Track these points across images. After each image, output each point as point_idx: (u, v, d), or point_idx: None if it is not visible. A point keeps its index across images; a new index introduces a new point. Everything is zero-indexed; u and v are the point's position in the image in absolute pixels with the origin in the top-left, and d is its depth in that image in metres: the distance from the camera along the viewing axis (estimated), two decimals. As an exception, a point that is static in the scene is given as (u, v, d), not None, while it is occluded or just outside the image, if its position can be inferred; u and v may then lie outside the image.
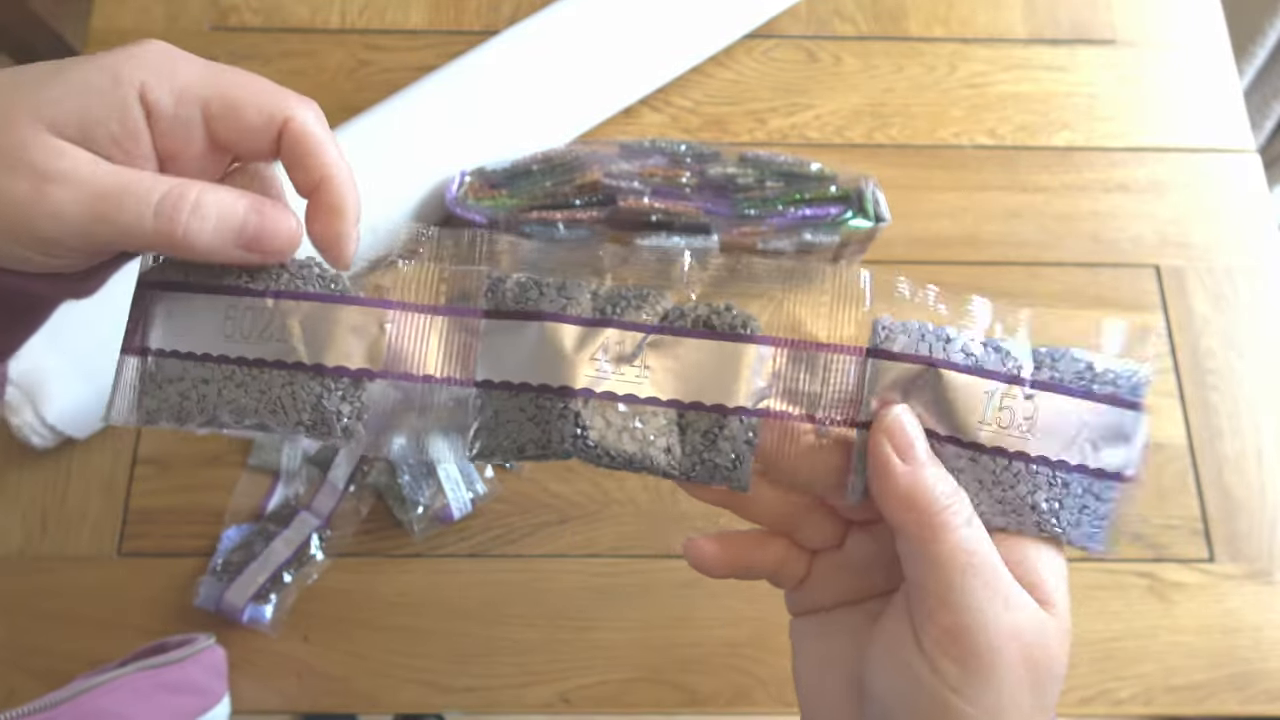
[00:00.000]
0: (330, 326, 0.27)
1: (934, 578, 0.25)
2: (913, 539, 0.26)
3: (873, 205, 0.54)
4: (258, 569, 0.49)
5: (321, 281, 0.28)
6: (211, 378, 0.27)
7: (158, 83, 0.26)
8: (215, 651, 0.47)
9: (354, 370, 0.27)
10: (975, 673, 0.25)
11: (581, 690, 0.50)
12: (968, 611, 0.25)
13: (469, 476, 0.52)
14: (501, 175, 0.55)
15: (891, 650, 0.27)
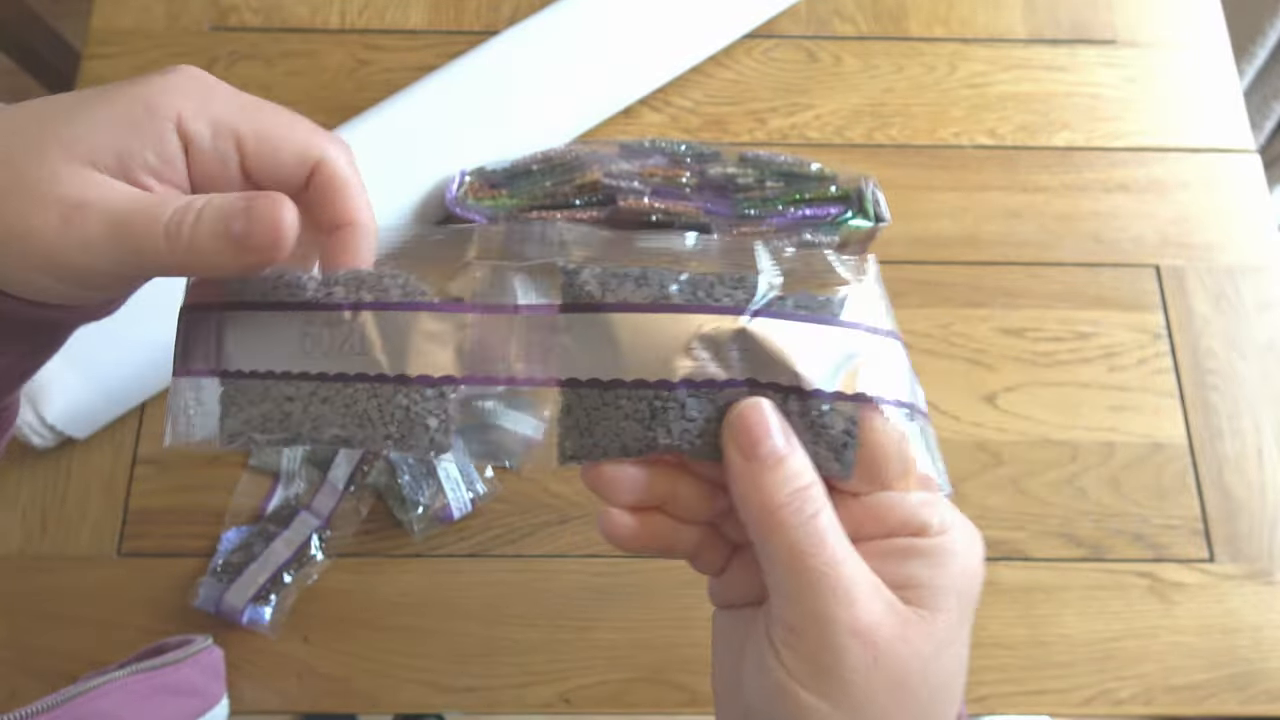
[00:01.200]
0: (410, 336, 0.27)
1: (778, 574, 0.25)
2: (754, 535, 0.26)
3: (873, 205, 0.54)
4: (257, 570, 0.49)
5: (400, 290, 0.27)
6: (296, 395, 0.27)
7: (195, 113, 0.26)
8: (213, 652, 0.47)
9: (437, 379, 0.27)
10: (818, 667, 0.25)
11: (581, 690, 0.50)
12: (806, 608, 0.25)
13: (469, 476, 0.52)
14: (501, 175, 0.55)
15: (754, 646, 0.27)
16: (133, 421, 0.54)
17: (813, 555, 0.25)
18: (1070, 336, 0.58)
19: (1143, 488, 0.54)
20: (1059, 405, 0.56)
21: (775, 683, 0.25)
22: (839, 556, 0.25)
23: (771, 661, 0.25)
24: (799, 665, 0.25)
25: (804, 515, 0.25)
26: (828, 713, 0.25)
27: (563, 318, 0.27)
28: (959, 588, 0.26)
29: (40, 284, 0.25)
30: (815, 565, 0.25)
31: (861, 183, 0.55)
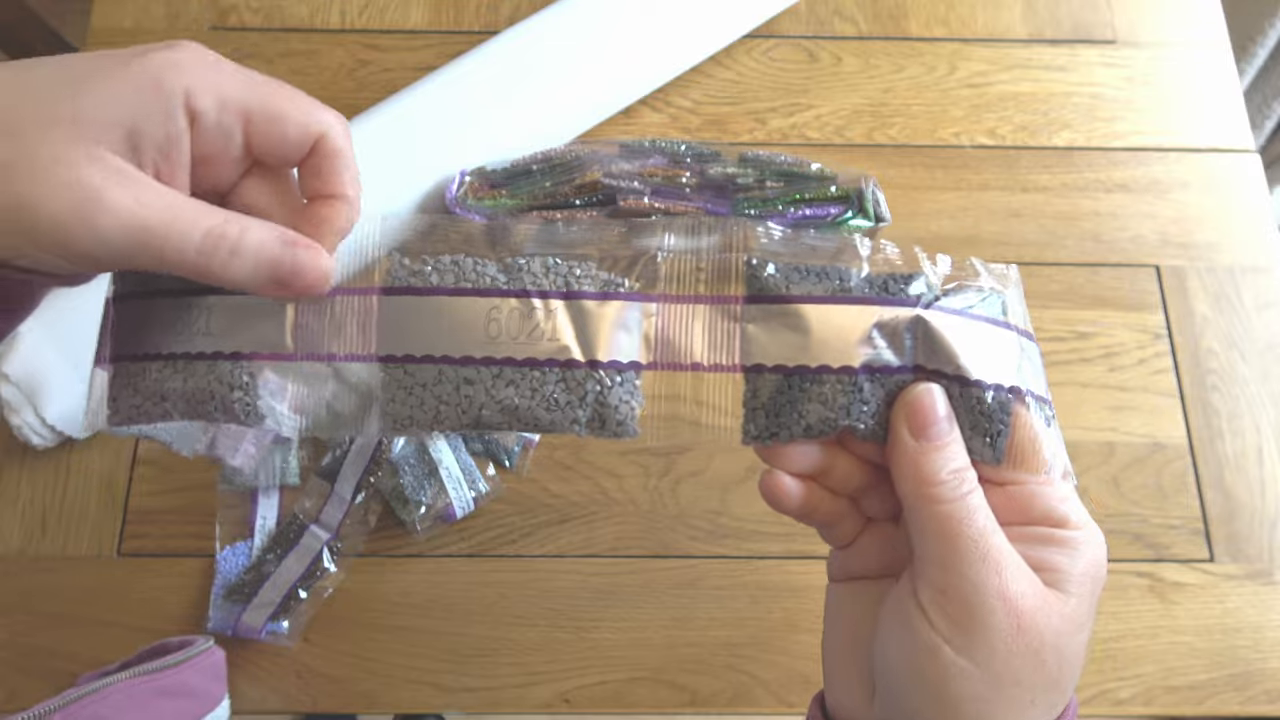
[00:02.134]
0: (598, 323, 0.28)
1: (930, 543, 0.28)
2: (910, 508, 0.28)
3: (873, 205, 0.54)
4: (271, 589, 0.49)
5: (591, 281, 0.29)
6: (476, 378, 0.28)
7: (202, 90, 0.26)
8: (214, 654, 0.47)
9: (627, 364, 0.28)
10: (965, 627, 0.27)
11: (581, 690, 0.50)
12: (957, 572, 0.27)
13: (470, 475, 0.52)
14: (501, 175, 0.55)
15: (895, 610, 0.29)
16: (133, 421, 0.54)
17: (966, 525, 0.27)
18: (1070, 336, 0.58)
19: (1143, 488, 0.54)
20: (1059, 405, 0.56)
21: (922, 642, 0.27)
22: (989, 529, 0.27)
23: (919, 623, 0.27)
24: (947, 626, 0.27)
25: (960, 491, 0.28)
26: (969, 671, 0.27)
27: (751, 308, 0.29)
28: (1091, 576, 0.28)
29: (40, 259, 0.26)
30: (968, 534, 0.27)
31: (861, 183, 0.55)
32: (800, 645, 0.51)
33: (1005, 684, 0.27)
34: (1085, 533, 0.29)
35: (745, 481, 0.54)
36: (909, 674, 0.28)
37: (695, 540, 0.53)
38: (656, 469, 0.54)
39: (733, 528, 0.53)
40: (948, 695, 0.27)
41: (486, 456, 0.53)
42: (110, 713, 0.39)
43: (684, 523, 0.53)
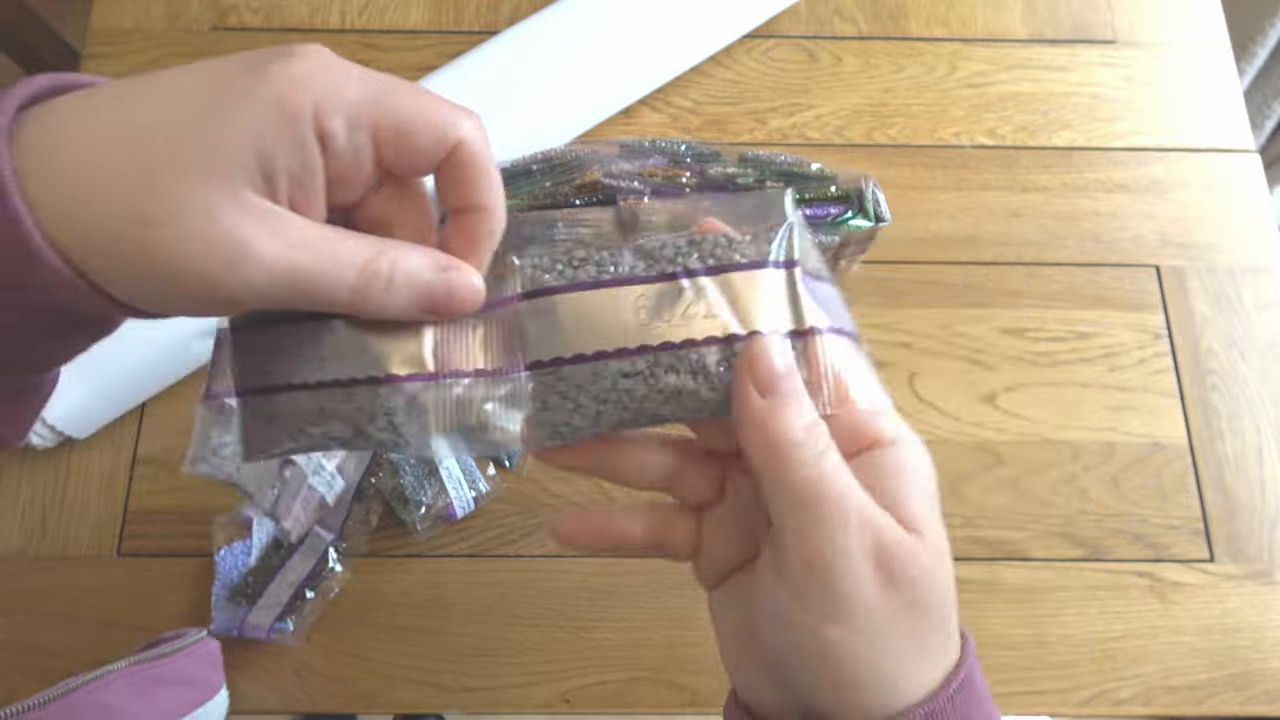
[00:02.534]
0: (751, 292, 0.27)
1: (788, 512, 0.26)
2: (766, 474, 0.26)
3: (873, 205, 0.54)
4: (278, 588, 0.49)
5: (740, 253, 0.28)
6: (634, 370, 0.27)
7: (331, 109, 0.24)
8: (208, 644, 0.47)
9: (786, 333, 0.27)
10: (837, 599, 0.25)
11: (581, 690, 0.50)
12: (821, 541, 0.25)
13: (471, 475, 0.52)
14: (501, 175, 0.55)
15: (763, 596, 0.27)
16: (132, 421, 0.54)
17: (828, 488, 0.25)
18: (1070, 336, 0.58)
19: (1143, 488, 0.54)
20: (1059, 405, 0.56)
21: (798, 624, 0.26)
22: (849, 487, 0.26)
23: (789, 604, 0.26)
24: (817, 599, 0.25)
25: (817, 451, 0.26)
26: (850, 640, 0.25)
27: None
28: (929, 494, 0.27)
29: (170, 303, 0.24)
30: (830, 496, 0.25)
31: (861, 183, 0.55)
32: (800, 645, 0.51)
33: (890, 640, 0.26)
34: (901, 445, 0.27)
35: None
36: (794, 657, 0.26)
37: (695, 540, 0.53)
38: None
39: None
40: (836, 669, 0.26)
41: (486, 456, 0.53)
42: (108, 701, 0.39)
43: (684, 523, 0.53)
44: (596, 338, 0.27)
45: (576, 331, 0.27)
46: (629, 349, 0.27)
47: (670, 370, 0.27)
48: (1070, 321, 0.58)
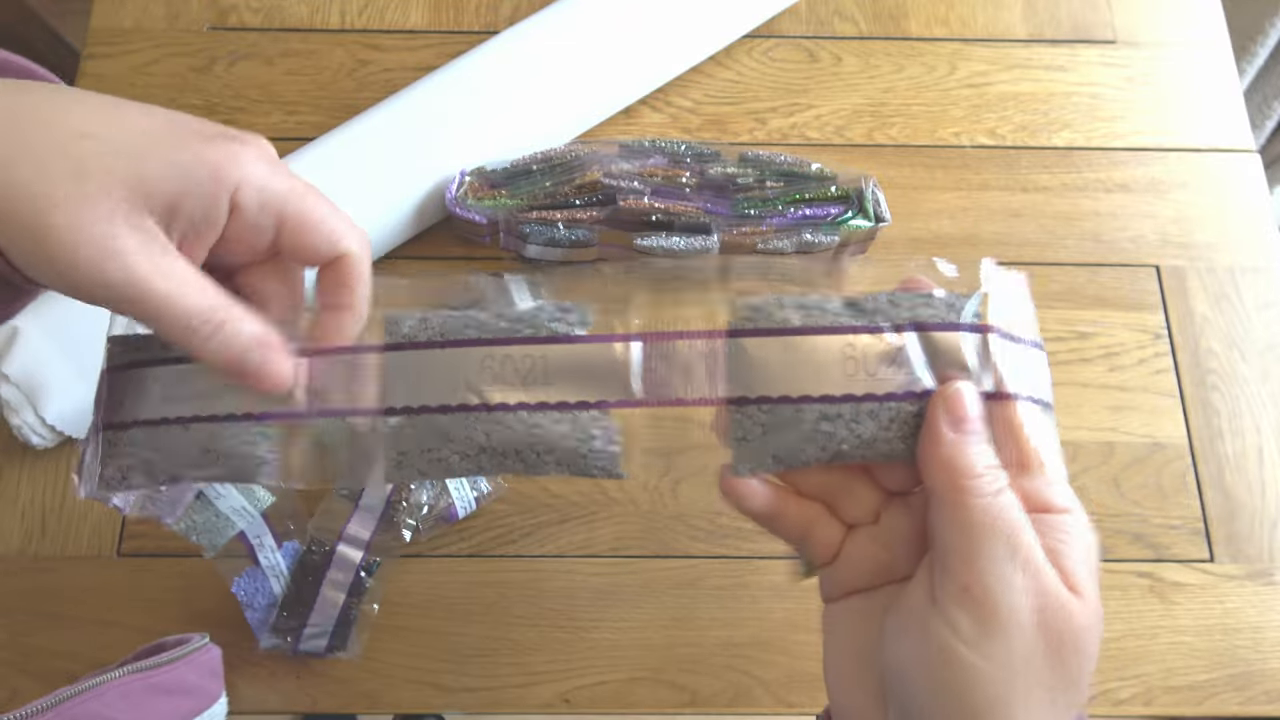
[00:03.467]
0: (948, 353, 0.29)
1: (958, 537, 0.27)
2: (943, 501, 0.27)
3: (873, 205, 0.54)
4: (320, 616, 0.49)
5: (935, 310, 0.29)
6: (837, 415, 0.29)
7: (252, 188, 0.28)
8: (210, 651, 0.47)
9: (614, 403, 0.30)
10: (988, 627, 0.26)
11: (581, 690, 0.50)
12: (985, 569, 0.26)
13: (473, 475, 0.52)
14: (501, 175, 0.55)
15: (908, 611, 0.28)
16: (133, 421, 0.54)
17: (1000, 520, 0.27)
18: (1070, 336, 0.58)
19: (1143, 488, 0.54)
20: (1059, 405, 0.55)
21: (939, 646, 0.26)
22: (1021, 524, 0.27)
23: (936, 625, 0.27)
24: (968, 625, 0.26)
25: (995, 486, 0.27)
26: (987, 671, 0.26)
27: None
28: (1088, 562, 0.28)
29: (50, 279, 0.28)
30: (1001, 528, 0.26)
31: (861, 183, 0.55)
32: (800, 645, 0.51)
33: (1025, 683, 0.26)
34: (1074, 516, 0.28)
35: (745, 481, 0.54)
36: (925, 681, 0.27)
37: (695, 540, 0.53)
38: (656, 469, 0.54)
39: (733, 528, 0.53)
40: (967, 699, 0.26)
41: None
42: (106, 710, 0.39)
43: (684, 523, 0.53)
44: (804, 381, 0.28)
45: (785, 370, 0.29)
46: (834, 396, 0.28)
47: (870, 418, 0.28)
48: (1070, 321, 0.58)
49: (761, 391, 0.29)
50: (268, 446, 0.30)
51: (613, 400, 0.29)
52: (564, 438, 0.29)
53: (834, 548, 0.31)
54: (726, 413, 0.29)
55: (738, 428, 0.29)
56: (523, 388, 0.29)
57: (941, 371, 0.29)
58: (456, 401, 0.29)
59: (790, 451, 0.29)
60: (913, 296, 0.29)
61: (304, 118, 0.62)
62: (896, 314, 0.29)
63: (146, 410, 0.31)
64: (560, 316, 0.30)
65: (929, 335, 0.29)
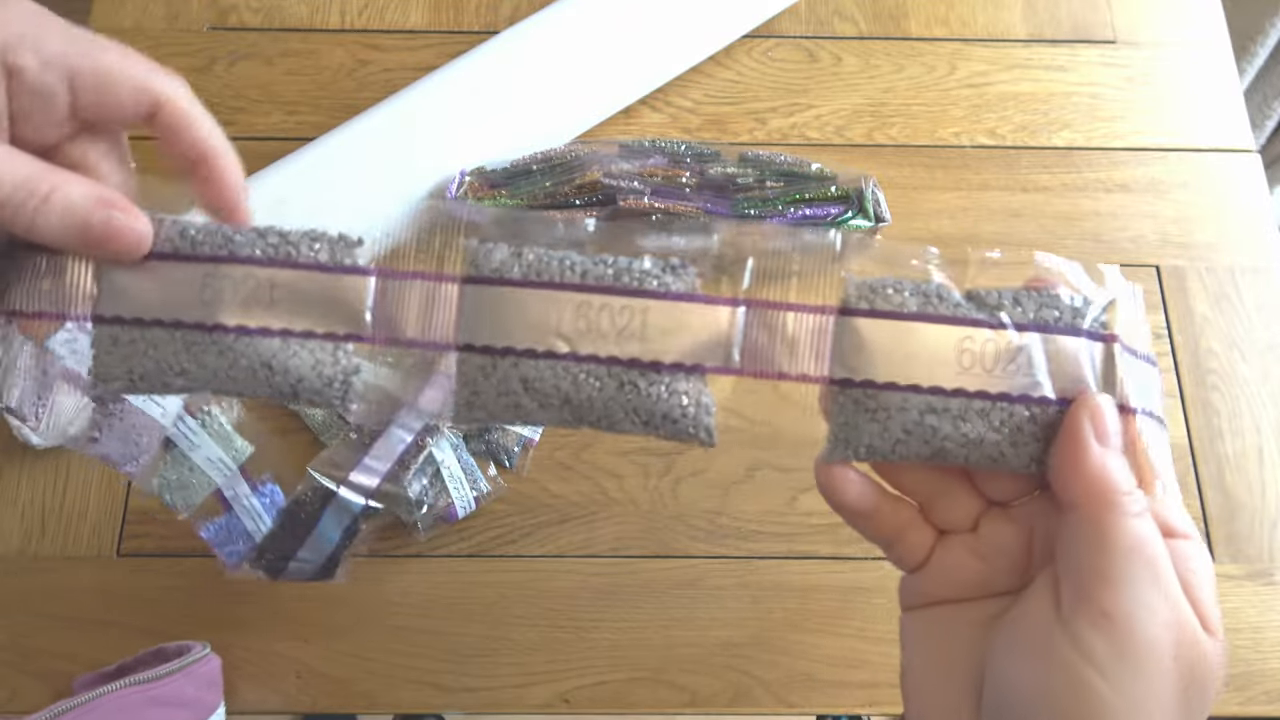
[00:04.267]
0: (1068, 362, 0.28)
1: (1102, 558, 0.25)
2: (1089, 517, 0.25)
3: (873, 205, 0.54)
4: (310, 554, 0.47)
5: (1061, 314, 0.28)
6: (944, 408, 0.27)
7: (21, 48, 0.25)
8: (210, 662, 0.46)
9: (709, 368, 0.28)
10: (1126, 657, 0.24)
11: (581, 690, 0.50)
12: (1129, 596, 0.24)
13: (472, 475, 0.52)
14: (501, 175, 0.55)
15: (1030, 631, 0.26)
16: (133, 421, 0.54)
17: (1150, 545, 0.25)
18: (1070, 336, 0.58)
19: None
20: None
21: (1065, 669, 0.25)
22: (1163, 551, 0.25)
23: (1066, 651, 0.25)
24: (1104, 651, 0.24)
25: (1141, 505, 0.26)
26: (1113, 701, 0.24)
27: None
28: (1210, 596, 0.26)
29: None
30: (1150, 554, 0.25)
31: (861, 183, 0.55)
32: (800, 645, 0.51)
33: (1149, 713, 0.24)
34: (1196, 544, 0.27)
35: (745, 481, 0.54)
36: (1043, 705, 0.25)
37: (695, 540, 0.53)
38: (656, 469, 0.54)
39: (733, 528, 0.53)
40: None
41: (487, 456, 0.53)
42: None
43: (684, 523, 0.53)
44: (915, 369, 0.27)
45: (895, 356, 0.27)
46: (944, 389, 0.27)
47: (980, 417, 0.27)
48: (1070, 321, 0.58)
49: (868, 375, 0.27)
50: (334, 369, 0.28)
51: (709, 366, 0.28)
52: (656, 400, 0.27)
53: (924, 553, 0.30)
54: (829, 394, 0.28)
55: (839, 411, 0.28)
56: (616, 341, 0.27)
57: (1062, 378, 0.27)
58: (544, 347, 0.27)
59: (890, 443, 0.27)
60: (1038, 296, 0.28)
61: (304, 118, 0.62)
62: (1020, 313, 0.27)
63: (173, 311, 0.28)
64: (666, 270, 0.28)
65: (1053, 338, 0.27)
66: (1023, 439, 0.27)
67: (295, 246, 0.28)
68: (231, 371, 0.27)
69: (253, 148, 0.60)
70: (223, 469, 0.47)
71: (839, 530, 0.53)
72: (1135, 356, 0.28)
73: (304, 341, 0.28)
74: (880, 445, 0.27)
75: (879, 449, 0.28)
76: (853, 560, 0.52)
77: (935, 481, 0.29)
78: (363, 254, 0.28)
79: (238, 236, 0.28)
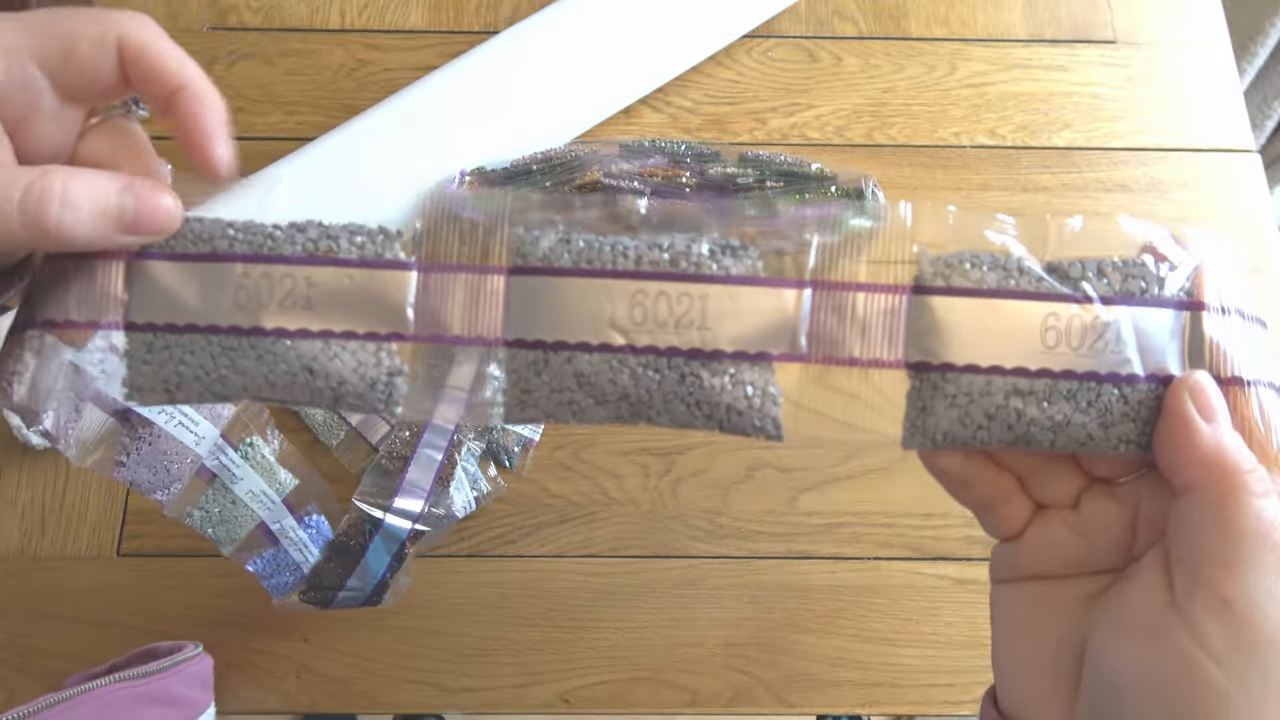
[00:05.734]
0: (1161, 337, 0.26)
1: (1225, 542, 0.23)
2: (1209, 499, 0.24)
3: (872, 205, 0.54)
4: (358, 583, 0.47)
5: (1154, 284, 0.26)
6: (1029, 390, 0.26)
7: None
8: (201, 661, 0.46)
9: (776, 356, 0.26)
10: (1245, 648, 0.23)
11: (581, 690, 0.50)
12: (1254, 583, 0.23)
13: (472, 475, 0.52)
14: (501, 175, 0.55)
15: (1139, 613, 0.25)
16: (132, 421, 0.54)
17: (1277, 529, 0.23)
18: (1070, 336, 0.58)
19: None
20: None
21: (1182, 659, 0.23)
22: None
23: (1181, 636, 0.23)
24: (1223, 640, 0.23)
25: (1264, 486, 0.24)
26: (1224, 691, 0.23)
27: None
28: None
29: None
30: (1276, 539, 0.23)
31: (861, 183, 0.55)
32: (800, 645, 0.51)
33: (1259, 715, 0.23)
34: None
35: (745, 481, 0.54)
36: (1152, 694, 0.24)
37: (695, 540, 0.53)
38: (656, 469, 0.54)
39: (733, 528, 0.53)
40: (1187, 712, 0.23)
41: (487, 456, 0.53)
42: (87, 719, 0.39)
43: (684, 523, 0.53)
44: (997, 350, 0.25)
45: (975, 336, 0.25)
46: (1029, 369, 0.25)
47: (1067, 399, 0.25)
48: (1070, 321, 0.58)
49: (946, 358, 0.25)
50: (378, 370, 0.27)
51: (775, 353, 0.26)
52: (720, 391, 0.26)
53: (1019, 525, 0.28)
54: (905, 378, 0.26)
55: (915, 396, 0.26)
56: (675, 330, 0.26)
57: (1151, 353, 0.25)
58: (599, 340, 0.26)
59: (971, 429, 0.26)
60: (1123, 265, 0.26)
61: (304, 118, 0.62)
62: (1106, 285, 0.26)
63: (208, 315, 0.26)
64: (725, 252, 0.27)
65: (1141, 310, 0.25)
66: (1112, 419, 0.26)
67: (335, 240, 0.27)
68: (271, 377, 0.26)
69: (253, 148, 0.60)
70: (266, 502, 0.46)
71: (839, 530, 0.53)
72: (1244, 319, 0.26)
73: (345, 343, 0.26)
74: (960, 432, 0.26)
75: (959, 436, 0.26)
76: (853, 560, 0.52)
77: (1036, 457, 0.28)
78: (402, 246, 0.27)
79: (277, 232, 0.27)
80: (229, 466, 0.44)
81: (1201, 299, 0.26)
